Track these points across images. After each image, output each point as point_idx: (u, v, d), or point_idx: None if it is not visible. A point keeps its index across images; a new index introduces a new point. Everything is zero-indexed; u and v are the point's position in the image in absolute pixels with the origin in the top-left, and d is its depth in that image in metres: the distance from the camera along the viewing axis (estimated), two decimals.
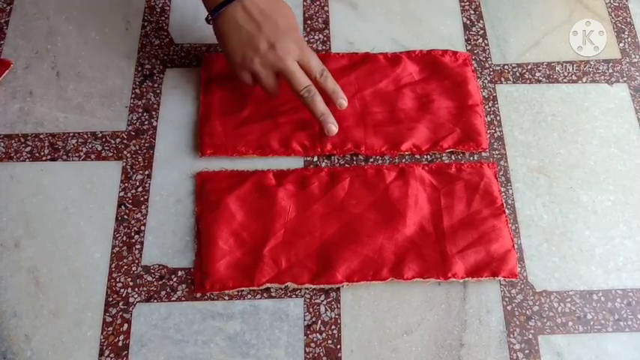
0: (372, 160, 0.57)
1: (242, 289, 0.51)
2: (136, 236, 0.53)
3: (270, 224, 0.52)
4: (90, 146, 0.57)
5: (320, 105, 0.54)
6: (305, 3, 0.66)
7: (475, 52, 0.63)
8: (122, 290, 0.51)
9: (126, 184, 0.55)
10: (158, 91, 0.60)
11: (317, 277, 0.51)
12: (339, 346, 0.49)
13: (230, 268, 0.51)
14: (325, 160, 0.57)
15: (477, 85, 0.61)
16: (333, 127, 0.55)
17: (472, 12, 0.66)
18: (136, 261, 0.52)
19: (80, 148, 0.57)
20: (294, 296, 0.51)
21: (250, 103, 0.58)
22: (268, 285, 0.50)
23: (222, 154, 0.56)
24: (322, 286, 0.51)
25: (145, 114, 0.59)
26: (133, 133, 0.58)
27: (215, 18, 0.53)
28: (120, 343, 0.49)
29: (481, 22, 0.66)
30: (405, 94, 0.60)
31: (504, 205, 0.54)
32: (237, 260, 0.51)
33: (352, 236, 0.52)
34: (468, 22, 0.66)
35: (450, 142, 0.57)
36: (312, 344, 0.49)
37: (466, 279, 0.51)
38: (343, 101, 0.55)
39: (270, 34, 0.51)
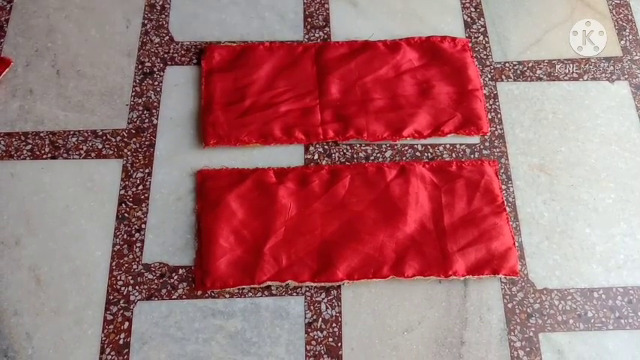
0: (372, 157, 0.57)
1: (243, 287, 0.51)
2: (137, 234, 0.53)
3: (271, 222, 0.52)
4: (90, 144, 0.57)
5: None
6: (305, 0, 0.66)
7: (476, 49, 0.63)
8: (123, 288, 0.51)
9: (126, 182, 0.55)
10: (158, 89, 0.60)
11: (318, 274, 0.51)
12: (339, 344, 0.49)
13: (231, 266, 0.51)
14: (326, 158, 0.57)
15: (476, 70, 0.61)
16: None
17: (473, 10, 0.66)
18: (137, 259, 0.52)
19: (81, 147, 0.57)
20: (294, 294, 0.51)
21: (252, 92, 0.59)
22: (269, 283, 0.50)
23: (226, 144, 0.56)
24: (323, 284, 0.51)
25: (145, 112, 0.59)
26: (134, 131, 0.58)
27: None
28: (121, 341, 0.49)
29: (482, 19, 0.65)
30: (406, 80, 0.60)
31: (505, 202, 0.54)
32: (238, 258, 0.51)
33: (353, 234, 0.52)
34: (469, 19, 0.65)
35: (451, 126, 0.58)
36: (313, 342, 0.49)
37: (467, 277, 0.51)
38: None
39: None
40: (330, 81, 0.60)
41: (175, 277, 0.51)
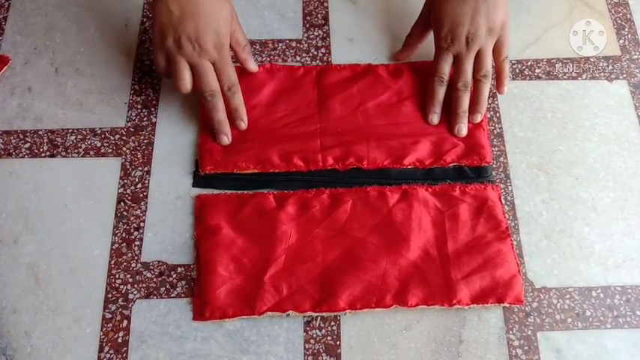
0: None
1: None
2: (136, 233, 0.53)
3: (271, 250, 0.51)
4: (89, 142, 0.57)
5: (219, 113, 0.55)
6: None
7: None
8: (122, 287, 0.51)
9: (125, 181, 0.55)
10: (157, 88, 0.60)
11: (319, 304, 0.49)
12: (338, 342, 0.49)
13: (230, 296, 0.49)
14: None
15: None
16: (225, 139, 0.55)
17: None
18: (136, 257, 0.52)
19: (79, 145, 0.57)
20: None
21: (251, 118, 0.57)
22: (269, 314, 0.49)
23: (222, 170, 0.55)
24: (324, 314, 0.50)
25: (144, 110, 0.59)
26: (132, 130, 0.58)
27: None
28: (119, 340, 0.49)
29: None
30: (408, 106, 0.58)
31: (509, 228, 0.53)
32: (238, 287, 0.50)
33: (355, 261, 0.51)
34: None
35: (454, 156, 0.56)
36: (312, 340, 0.49)
37: (471, 306, 0.50)
38: (242, 122, 0.56)
39: (194, 27, 0.52)
40: (331, 105, 0.58)
41: (174, 276, 0.51)
